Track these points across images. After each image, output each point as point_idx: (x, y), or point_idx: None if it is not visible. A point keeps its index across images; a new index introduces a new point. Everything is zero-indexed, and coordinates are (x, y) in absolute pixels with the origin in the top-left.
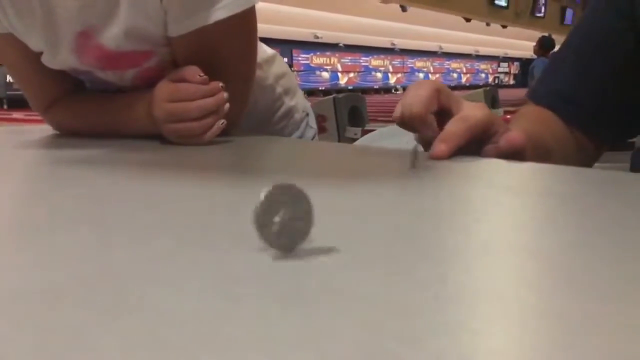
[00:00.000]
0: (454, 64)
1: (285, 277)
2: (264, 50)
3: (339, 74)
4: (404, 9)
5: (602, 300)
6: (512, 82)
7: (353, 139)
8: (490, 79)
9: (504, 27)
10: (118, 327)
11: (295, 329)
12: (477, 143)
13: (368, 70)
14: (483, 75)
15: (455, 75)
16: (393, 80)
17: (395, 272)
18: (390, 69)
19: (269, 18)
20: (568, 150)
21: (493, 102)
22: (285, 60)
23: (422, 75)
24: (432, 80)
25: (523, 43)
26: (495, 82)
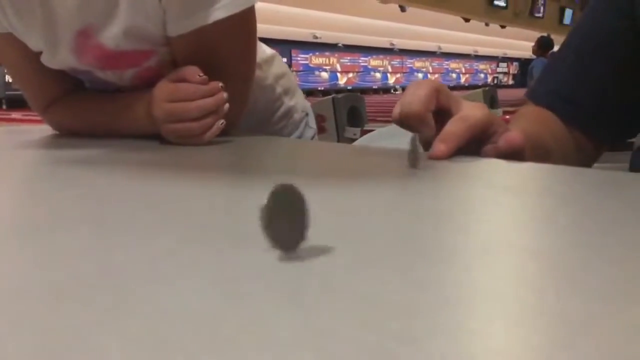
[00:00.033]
0: (453, 64)
1: (285, 276)
2: (264, 50)
3: (338, 74)
4: (403, 9)
5: (601, 301)
6: (511, 82)
7: (352, 139)
8: (489, 79)
9: (503, 27)
10: (118, 327)
11: (296, 329)
12: (476, 143)
13: (367, 71)
14: (482, 76)
15: (454, 76)
16: (392, 81)
17: (395, 272)
18: (389, 69)
19: (268, 18)
20: (567, 150)
21: (492, 102)
22: (285, 61)
23: (421, 76)
24: (431, 80)
25: (522, 43)
26: (494, 82)
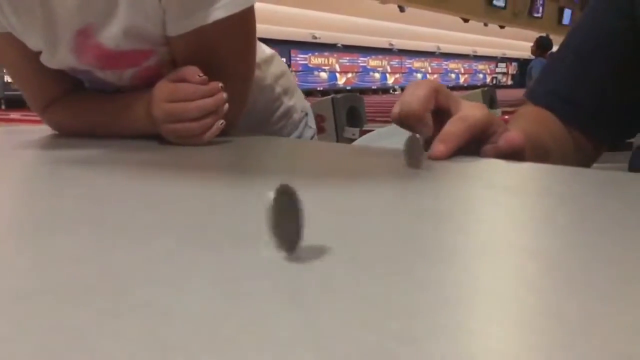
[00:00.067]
0: (452, 65)
1: (286, 276)
2: (263, 50)
3: (337, 75)
4: (402, 10)
5: (601, 301)
6: (510, 82)
7: (351, 139)
8: (488, 80)
9: (502, 27)
10: (118, 327)
11: (296, 329)
12: (476, 143)
13: (366, 71)
14: (481, 76)
15: (453, 76)
16: (391, 81)
17: (395, 272)
18: (389, 69)
19: (267, 18)
20: (566, 150)
21: (491, 102)
22: (284, 61)
23: (420, 76)
24: (430, 80)
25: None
26: (493, 82)
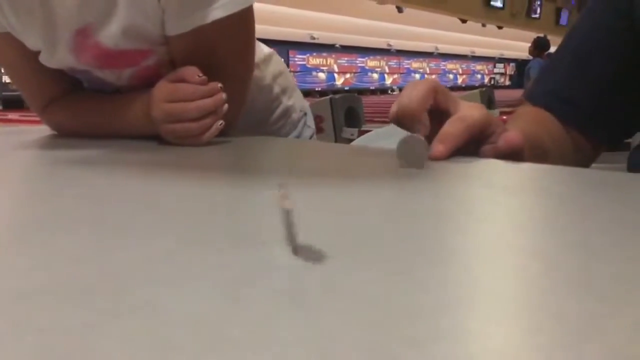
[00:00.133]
0: (450, 65)
1: (286, 277)
2: (261, 50)
3: (336, 75)
4: (400, 10)
5: (601, 300)
6: (507, 83)
7: (350, 140)
8: (486, 80)
9: (500, 28)
10: (118, 327)
11: (297, 330)
12: (474, 143)
13: (364, 71)
14: (479, 76)
15: (452, 76)
16: (389, 81)
17: (396, 272)
18: (387, 70)
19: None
20: (565, 151)
21: (489, 103)
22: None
23: (418, 76)
24: (429, 79)
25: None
26: (491, 83)
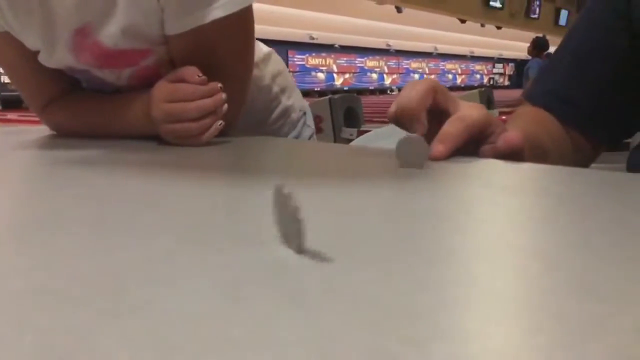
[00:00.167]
0: (449, 65)
1: (286, 277)
2: (260, 49)
3: (335, 75)
4: (399, 10)
5: (602, 301)
6: (507, 83)
7: (349, 140)
8: (485, 80)
9: (499, 28)
10: (118, 327)
11: (296, 330)
12: (474, 143)
13: (363, 71)
14: (478, 76)
15: (451, 76)
16: (388, 81)
17: (396, 272)
18: (386, 70)
19: (264, 19)
20: (564, 151)
21: (488, 103)
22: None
23: (417, 76)
24: (429, 79)
25: (518, 44)
26: (490, 83)
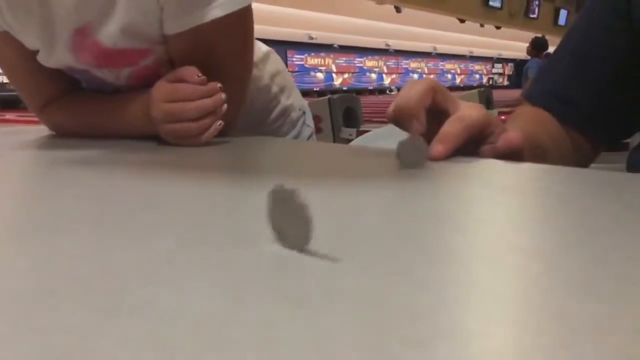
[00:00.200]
0: (448, 65)
1: (287, 277)
2: (259, 48)
3: (334, 75)
4: (399, 10)
5: (601, 301)
6: (506, 83)
7: (348, 140)
8: (485, 80)
9: (498, 28)
10: (118, 327)
11: (297, 330)
12: (473, 143)
13: (362, 71)
14: (477, 76)
15: (450, 76)
16: (387, 81)
17: (396, 272)
18: (385, 70)
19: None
20: (564, 151)
21: (487, 103)
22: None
23: (416, 76)
24: (428, 79)
25: (517, 44)
26: (490, 83)
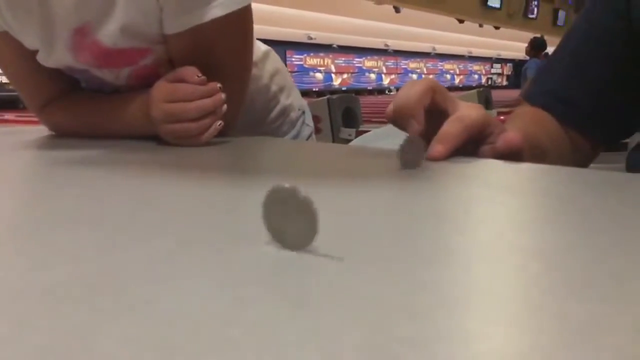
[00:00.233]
0: (447, 65)
1: (287, 277)
2: (258, 47)
3: (333, 75)
4: (398, 10)
5: (601, 301)
6: (505, 83)
7: (347, 140)
8: (484, 80)
9: (497, 28)
10: (118, 327)
11: (297, 330)
12: (473, 143)
13: (362, 71)
14: (476, 77)
15: (449, 77)
16: (387, 82)
17: (396, 273)
18: (384, 70)
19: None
20: (563, 151)
21: (486, 103)
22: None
23: (415, 76)
24: (428, 79)
25: (516, 44)
26: (489, 83)
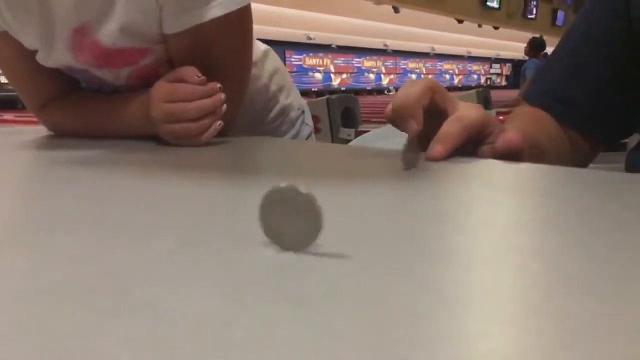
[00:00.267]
0: (447, 65)
1: (287, 277)
2: (257, 47)
3: (332, 75)
4: (397, 10)
5: (601, 301)
6: (504, 83)
7: (347, 140)
8: (483, 80)
9: (496, 28)
10: (118, 327)
11: (297, 331)
12: (472, 143)
13: (361, 72)
14: (475, 77)
15: (448, 77)
16: (386, 82)
17: (397, 273)
18: (383, 70)
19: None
20: (562, 151)
21: (485, 103)
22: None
23: (414, 77)
24: (427, 79)
25: (515, 44)
26: (488, 83)
